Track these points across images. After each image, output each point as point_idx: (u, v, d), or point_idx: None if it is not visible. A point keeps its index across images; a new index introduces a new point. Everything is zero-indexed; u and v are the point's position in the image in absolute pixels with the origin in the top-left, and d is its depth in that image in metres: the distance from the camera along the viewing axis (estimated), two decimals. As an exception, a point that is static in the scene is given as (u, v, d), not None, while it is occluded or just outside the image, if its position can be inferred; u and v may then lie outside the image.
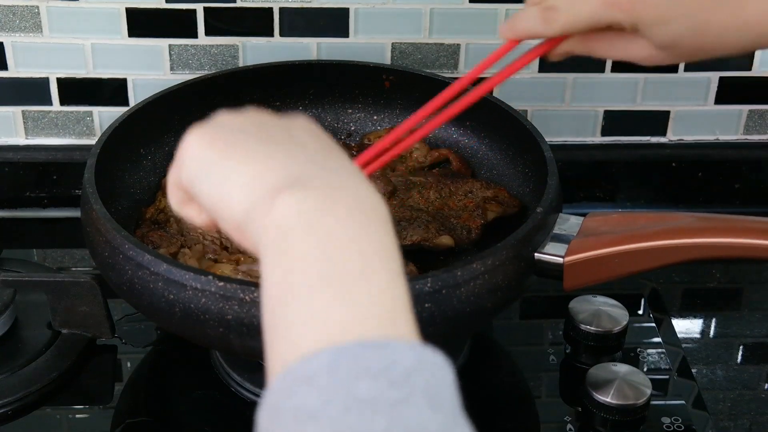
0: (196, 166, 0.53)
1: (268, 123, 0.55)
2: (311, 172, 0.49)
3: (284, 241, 0.46)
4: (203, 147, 0.53)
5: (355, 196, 0.48)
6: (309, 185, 0.48)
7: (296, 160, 0.50)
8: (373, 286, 0.45)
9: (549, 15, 0.67)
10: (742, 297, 1.07)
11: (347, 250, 0.45)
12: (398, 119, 1.04)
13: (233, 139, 0.53)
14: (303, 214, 0.46)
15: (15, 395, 0.87)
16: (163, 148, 0.98)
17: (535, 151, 0.90)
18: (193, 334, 0.75)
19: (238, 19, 1.05)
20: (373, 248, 0.46)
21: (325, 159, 0.52)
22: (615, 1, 0.64)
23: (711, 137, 1.16)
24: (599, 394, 0.86)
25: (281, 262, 0.46)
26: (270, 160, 0.50)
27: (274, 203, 0.47)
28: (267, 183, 0.49)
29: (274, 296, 0.46)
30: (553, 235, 0.82)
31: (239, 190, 0.50)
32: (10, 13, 1.03)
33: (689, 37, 0.65)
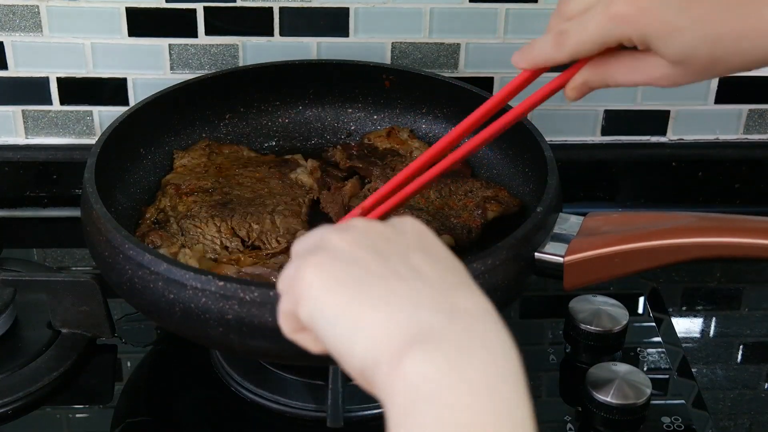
0: (318, 309, 0.51)
1: (384, 247, 0.52)
2: (439, 321, 0.47)
3: (411, 409, 0.45)
4: (324, 289, 0.51)
5: (488, 354, 0.47)
6: (437, 343, 0.46)
7: (422, 304, 0.48)
8: None
9: (560, 39, 0.66)
10: (742, 296, 1.07)
11: (477, 425, 0.44)
12: (398, 119, 1.04)
13: (353, 278, 0.50)
14: (431, 383, 0.45)
15: (15, 395, 0.87)
16: (163, 147, 0.98)
17: (535, 151, 0.90)
18: (193, 333, 0.75)
19: (238, 18, 1.05)
20: (504, 421, 0.45)
21: (449, 294, 0.49)
22: (621, 14, 0.63)
23: (711, 137, 1.16)
24: (599, 394, 0.86)
25: (406, 426, 0.45)
26: (395, 307, 0.49)
27: (400, 364, 0.46)
28: (393, 336, 0.47)
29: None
30: (553, 234, 0.82)
31: (365, 342, 0.48)
32: (10, 12, 1.03)
33: (702, 48, 0.63)
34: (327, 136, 1.05)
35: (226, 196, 0.92)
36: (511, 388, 0.47)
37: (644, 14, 0.63)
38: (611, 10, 0.63)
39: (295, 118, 1.05)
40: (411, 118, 1.05)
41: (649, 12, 0.63)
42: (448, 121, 1.03)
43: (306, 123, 1.05)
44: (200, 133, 1.01)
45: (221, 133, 1.02)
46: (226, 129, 1.03)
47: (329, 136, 1.05)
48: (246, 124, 1.04)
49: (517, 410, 0.46)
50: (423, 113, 1.04)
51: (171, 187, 0.93)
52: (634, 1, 0.63)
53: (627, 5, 0.63)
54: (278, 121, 1.05)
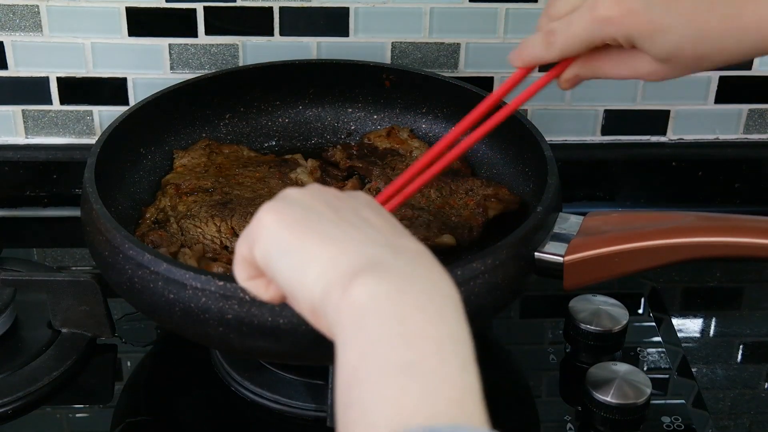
0: (273, 246, 0.54)
1: (338, 203, 0.57)
2: (385, 256, 0.51)
3: (359, 324, 0.48)
4: (280, 226, 0.54)
5: (428, 282, 0.50)
6: (383, 270, 0.49)
7: (370, 243, 0.52)
8: (445, 372, 0.46)
9: (548, 39, 0.68)
10: (742, 296, 1.07)
11: (420, 337, 0.47)
12: (398, 118, 1.04)
13: (308, 219, 0.54)
14: (377, 299, 0.48)
15: (15, 394, 0.87)
16: (163, 147, 0.98)
17: (535, 151, 0.90)
18: (193, 333, 0.75)
19: (238, 18, 1.05)
20: (445, 334, 0.48)
21: (395, 238, 0.54)
22: (605, 17, 0.65)
23: (711, 136, 1.16)
24: (599, 394, 0.86)
25: (356, 344, 0.47)
26: (345, 243, 0.52)
27: (349, 287, 0.49)
28: (343, 266, 0.51)
29: (348, 378, 0.47)
30: (553, 234, 0.82)
31: (316, 273, 0.51)
32: (10, 12, 1.03)
33: (687, 45, 0.65)
34: (327, 135, 1.05)
35: (226, 196, 0.92)
36: (452, 310, 0.49)
37: (629, 16, 0.64)
38: (596, 12, 0.65)
39: (295, 117, 1.05)
40: (411, 118, 1.05)
41: (634, 14, 0.64)
42: (448, 120, 1.03)
43: (306, 123, 1.05)
44: (200, 133, 1.01)
45: (221, 133, 1.02)
46: (226, 129, 1.03)
47: (329, 136, 1.05)
48: (246, 124, 1.04)
49: (458, 327, 0.49)
50: (423, 113, 1.04)
51: (171, 187, 0.93)
52: (618, 3, 0.64)
53: (611, 7, 0.64)
54: (278, 121, 1.05)
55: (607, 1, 0.64)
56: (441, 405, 0.44)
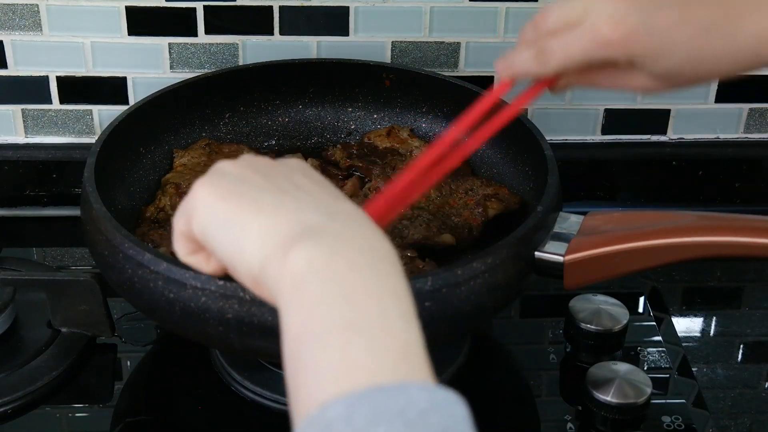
0: (209, 219, 0.55)
1: (270, 171, 0.57)
2: (321, 221, 0.51)
3: (299, 289, 0.48)
4: (215, 199, 0.55)
5: (365, 242, 0.51)
6: (320, 235, 0.50)
7: (305, 209, 0.53)
8: (387, 329, 0.46)
9: (543, 56, 0.67)
10: (743, 296, 1.07)
11: (361, 295, 0.47)
12: (398, 118, 1.04)
13: (242, 190, 0.55)
14: (316, 263, 0.49)
15: (15, 394, 0.87)
16: (163, 146, 0.98)
17: (535, 150, 0.90)
18: (193, 332, 0.75)
19: (238, 17, 1.05)
20: (386, 291, 0.48)
21: (331, 206, 0.54)
22: (606, 40, 0.64)
23: (711, 136, 1.16)
24: (599, 393, 0.85)
25: (297, 310, 0.48)
26: (281, 211, 0.53)
27: (288, 254, 0.50)
28: (280, 234, 0.51)
29: (292, 344, 0.48)
30: (553, 233, 0.81)
31: (254, 243, 0.52)
32: (10, 11, 1.03)
33: (686, 66, 0.65)
34: (327, 135, 1.05)
35: (226, 195, 0.92)
36: (389, 266, 0.50)
37: (630, 39, 0.64)
38: (596, 34, 0.64)
39: (295, 117, 1.05)
40: (411, 117, 1.04)
41: (635, 37, 0.64)
42: (449, 120, 1.02)
43: (306, 122, 1.05)
44: (200, 132, 1.01)
45: (221, 132, 1.02)
46: (226, 128, 1.03)
47: (329, 135, 1.05)
48: (246, 123, 1.04)
49: (397, 283, 0.49)
50: (423, 112, 1.04)
51: (171, 186, 0.93)
52: (618, 26, 0.64)
53: (612, 30, 0.64)
54: (278, 120, 1.05)
55: (607, 23, 0.64)
56: (385, 360, 0.45)
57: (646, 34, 0.64)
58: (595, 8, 0.64)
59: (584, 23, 0.65)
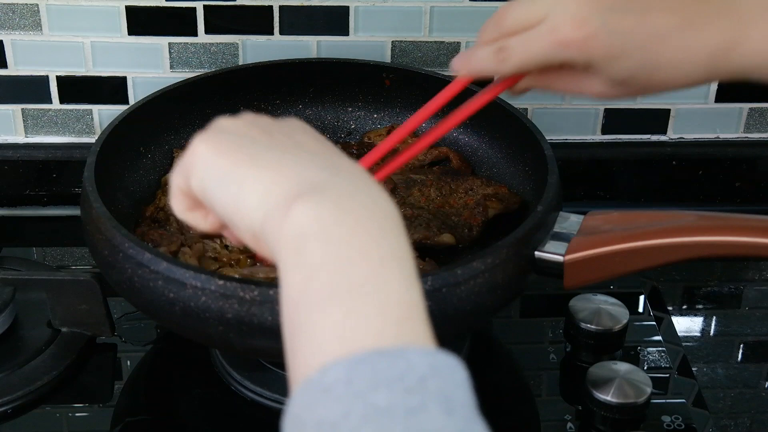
0: (209, 174, 0.54)
1: (271, 128, 0.56)
2: (324, 177, 0.51)
3: (301, 249, 0.48)
4: (214, 154, 0.54)
5: (368, 201, 0.50)
6: (323, 192, 0.49)
7: (307, 166, 0.52)
8: (389, 293, 0.46)
9: (502, 55, 0.67)
10: (743, 295, 1.07)
11: (362, 257, 0.47)
12: (398, 117, 1.04)
13: (242, 145, 0.54)
14: (319, 222, 0.48)
15: (15, 394, 0.87)
16: (163, 146, 0.98)
17: (535, 150, 0.90)
18: (193, 332, 0.75)
19: (238, 17, 1.05)
20: (388, 254, 0.48)
21: (334, 163, 0.53)
22: (567, 40, 0.65)
23: (711, 135, 1.16)
24: (599, 393, 0.85)
25: (299, 270, 0.47)
26: (282, 167, 0.52)
27: (289, 211, 0.49)
28: (282, 190, 0.50)
29: (292, 304, 0.47)
30: (553, 233, 0.81)
31: (255, 198, 0.51)
32: (10, 11, 1.03)
33: (641, 72, 0.66)
34: (327, 134, 1.05)
35: (226, 195, 0.92)
36: (393, 227, 0.49)
37: (590, 41, 0.65)
38: (557, 35, 0.65)
39: (295, 116, 1.05)
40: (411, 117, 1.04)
41: (595, 38, 0.65)
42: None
43: (306, 121, 1.04)
44: (200, 132, 1.01)
45: (221, 132, 1.02)
46: (226, 128, 1.03)
47: (329, 135, 1.05)
48: (246, 123, 1.03)
49: (399, 244, 0.49)
50: (423, 112, 1.04)
51: (171, 186, 0.93)
52: (579, 27, 0.64)
53: (573, 31, 0.65)
54: (278, 120, 1.04)
55: (569, 23, 0.64)
56: (387, 324, 0.45)
57: (606, 37, 0.64)
58: (556, 8, 0.65)
59: (545, 22, 0.65)
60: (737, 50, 0.65)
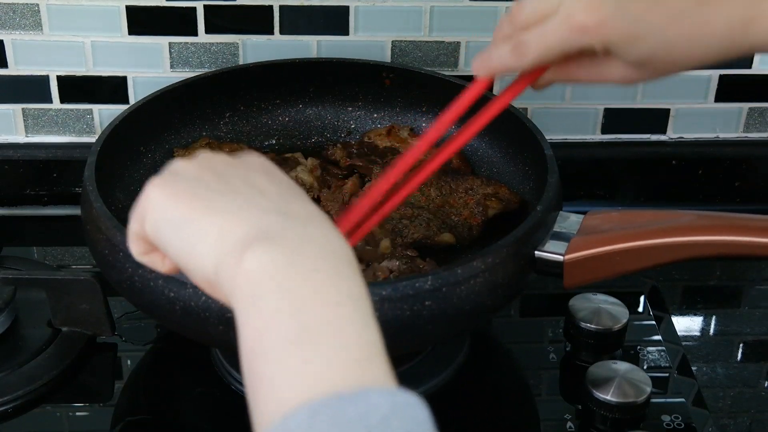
0: (161, 221, 0.54)
1: (225, 170, 0.55)
2: (274, 222, 0.50)
3: (254, 298, 0.47)
4: (167, 200, 0.54)
5: (321, 242, 0.50)
6: (275, 238, 0.49)
7: (258, 210, 0.51)
8: (345, 336, 0.46)
9: (520, 49, 0.67)
10: (742, 295, 1.07)
11: (317, 301, 0.47)
12: (398, 117, 1.04)
13: (194, 191, 0.53)
14: (271, 269, 0.48)
15: (15, 393, 0.87)
16: (163, 146, 0.98)
17: (535, 149, 0.90)
18: (194, 332, 0.75)
19: (238, 16, 1.05)
20: (342, 295, 0.47)
21: (285, 204, 0.53)
22: (582, 26, 0.65)
23: (711, 135, 1.16)
24: (599, 392, 0.85)
25: (254, 319, 0.47)
26: (234, 213, 0.51)
27: (242, 258, 0.48)
28: (233, 237, 0.50)
29: (250, 353, 0.47)
30: (553, 233, 0.82)
31: (206, 246, 0.51)
32: (11, 10, 1.03)
33: (660, 52, 0.66)
34: (327, 134, 1.05)
35: (226, 195, 0.92)
36: (346, 267, 0.49)
37: (605, 25, 0.65)
38: (572, 21, 0.65)
39: (295, 116, 1.05)
40: (411, 117, 1.05)
41: (610, 22, 0.65)
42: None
43: (306, 121, 1.05)
44: (200, 132, 1.01)
45: (221, 132, 1.02)
46: (227, 127, 1.03)
47: (329, 135, 1.05)
48: (246, 123, 1.04)
49: (354, 284, 0.48)
50: (423, 111, 1.04)
51: (171, 186, 0.93)
52: (593, 12, 0.64)
53: (587, 16, 0.65)
54: (278, 120, 1.05)
55: (582, 9, 0.64)
56: (346, 367, 0.44)
57: (621, 20, 0.64)
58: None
59: (559, 12, 0.65)
60: (755, 24, 0.64)
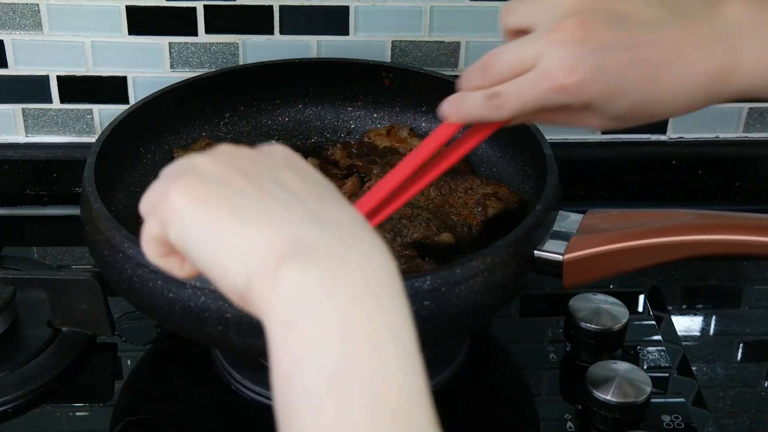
0: (188, 229, 0.50)
1: (252, 169, 0.51)
2: (312, 232, 0.47)
3: (291, 324, 0.44)
4: (194, 207, 0.49)
5: (363, 260, 0.46)
6: (312, 252, 0.46)
7: (293, 218, 0.48)
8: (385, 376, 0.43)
9: (495, 101, 0.65)
10: (742, 294, 1.07)
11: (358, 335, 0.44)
12: (398, 117, 1.04)
13: (222, 195, 0.49)
14: (309, 291, 0.44)
15: (15, 393, 0.87)
16: (163, 146, 0.98)
17: (534, 149, 0.90)
18: (193, 332, 0.75)
19: (238, 16, 1.05)
20: (384, 327, 0.44)
21: (321, 208, 0.49)
22: (562, 86, 0.63)
23: (711, 135, 1.16)
24: (599, 392, 0.85)
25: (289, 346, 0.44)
26: (266, 221, 0.48)
27: (277, 275, 0.45)
28: (265, 248, 0.47)
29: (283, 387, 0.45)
30: (552, 232, 0.82)
31: (237, 257, 0.47)
32: (11, 10, 1.03)
33: (641, 106, 0.65)
34: (327, 134, 1.05)
35: (226, 195, 0.92)
36: (389, 292, 0.46)
37: (584, 85, 0.63)
38: (551, 80, 0.63)
39: (295, 116, 1.05)
40: (411, 117, 1.05)
41: (589, 82, 0.63)
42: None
43: (306, 121, 1.05)
44: (200, 132, 1.01)
45: (221, 132, 1.02)
46: (226, 127, 1.03)
47: (329, 135, 1.05)
48: (246, 123, 1.04)
49: (397, 315, 0.45)
50: (423, 111, 1.04)
51: (171, 186, 0.93)
52: (572, 72, 0.63)
53: (566, 76, 0.63)
54: (278, 120, 1.05)
55: (561, 68, 0.63)
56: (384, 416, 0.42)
57: (600, 79, 0.63)
58: (547, 52, 0.63)
59: (538, 68, 0.63)
60: (735, 74, 0.64)
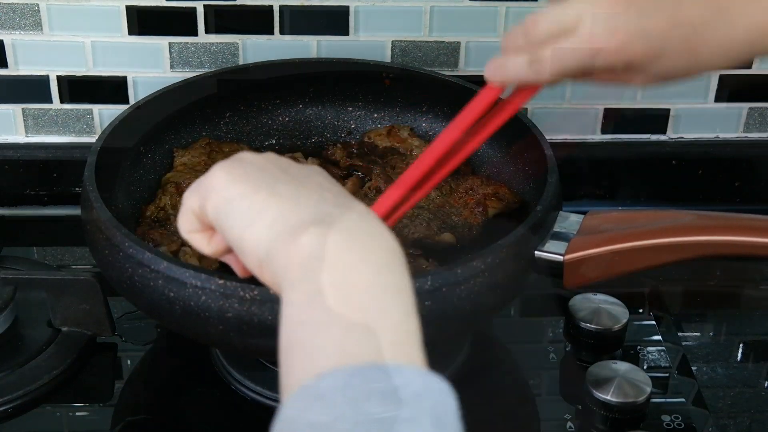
0: (225, 200, 0.56)
1: (289, 167, 0.59)
2: (335, 213, 0.53)
3: (306, 270, 0.50)
4: (232, 181, 0.56)
5: (375, 238, 0.52)
6: (333, 224, 0.51)
7: (320, 202, 0.54)
8: (387, 320, 0.48)
9: (537, 65, 0.66)
10: (743, 295, 1.07)
11: (366, 287, 0.49)
12: (398, 117, 1.04)
13: (261, 176, 0.56)
14: (326, 248, 0.50)
15: (15, 393, 0.87)
16: (163, 146, 0.98)
17: (535, 149, 0.90)
18: (194, 332, 0.75)
19: (239, 17, 1.05)
20: (389, 287, 0.50)
21: (345, 203, 0.55)
22: (603, 49, 0.63)
23: (711, 135, 1.16)
24: (599, 392, 0.86)
25: (304, 288, 0.49)
26: (297, 200, 0.54)
27: (299, 236, 0.51)
28: (294, 220, 0.53)
29: (292, 321, 0.49)
30: (553, 233, 0.82)
31: (264, 225, 0.54)
32: (11, 10, 1.03)
33: (684, 64, 0.65)
34: (327, 134, 1.05)
35: (226, 195, 0.92)
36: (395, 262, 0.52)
37: (627, 46, 0.63)
38: (592, 44, 0.64)
39: (295, 116, 1.05)
40: (411, 117, 1.05)
41: (631, 44, 0.63)
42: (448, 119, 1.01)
43: (306, 121, 1.05)
44: (200, 132, 1.01)
45: (221, 132, 1.02)
46: (227, 127, 1.03)
47: (329, 135, 1.05)
48: (246, 123, 1.04)
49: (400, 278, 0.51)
50: (423, 111, 1.04)
51: (171, 186, 0.93)
52: (614, 34, 0.63)
53: (608, 39, 0.63)
54: (278, 120, 1.05)
55: (603, 31, 0.63)
56: (385, 344, 0.47)
57: (642, 41, 0.63)
58: (587, 15, 0.63)
59: (578, 31, 0.64)
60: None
